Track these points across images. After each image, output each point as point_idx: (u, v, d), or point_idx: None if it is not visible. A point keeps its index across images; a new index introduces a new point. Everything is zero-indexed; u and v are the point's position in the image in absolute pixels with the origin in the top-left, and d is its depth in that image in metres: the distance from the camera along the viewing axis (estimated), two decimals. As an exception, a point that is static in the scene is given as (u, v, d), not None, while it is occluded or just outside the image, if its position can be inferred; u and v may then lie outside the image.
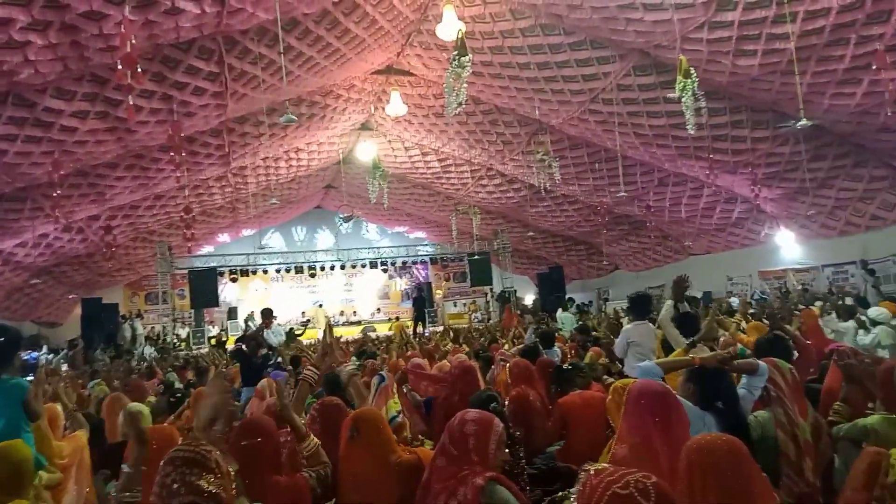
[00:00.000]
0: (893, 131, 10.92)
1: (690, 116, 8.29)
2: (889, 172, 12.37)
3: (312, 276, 22.13)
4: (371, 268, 22.69)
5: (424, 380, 4.90)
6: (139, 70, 6.54)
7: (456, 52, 7.95)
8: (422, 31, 11.98)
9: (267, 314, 8.42)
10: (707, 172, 12.69)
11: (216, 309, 21.35)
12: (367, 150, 15.71)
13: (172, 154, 10.05)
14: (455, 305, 25.22)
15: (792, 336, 3.63)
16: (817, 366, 4.16)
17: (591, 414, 3.44)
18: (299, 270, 21.88)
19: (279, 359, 8.00)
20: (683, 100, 8.05)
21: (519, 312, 18.67)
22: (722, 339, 4.30)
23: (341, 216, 20.11)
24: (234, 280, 21.54)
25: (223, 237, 21.77)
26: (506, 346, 7.96)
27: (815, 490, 2.48)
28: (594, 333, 8.16)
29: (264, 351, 7.63)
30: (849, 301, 8.89)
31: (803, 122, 8.86)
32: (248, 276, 21.66)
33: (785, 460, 2.48)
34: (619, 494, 1.54)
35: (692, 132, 9.20)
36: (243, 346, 7.69)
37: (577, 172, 16.06)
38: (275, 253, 22.83)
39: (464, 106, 9.31)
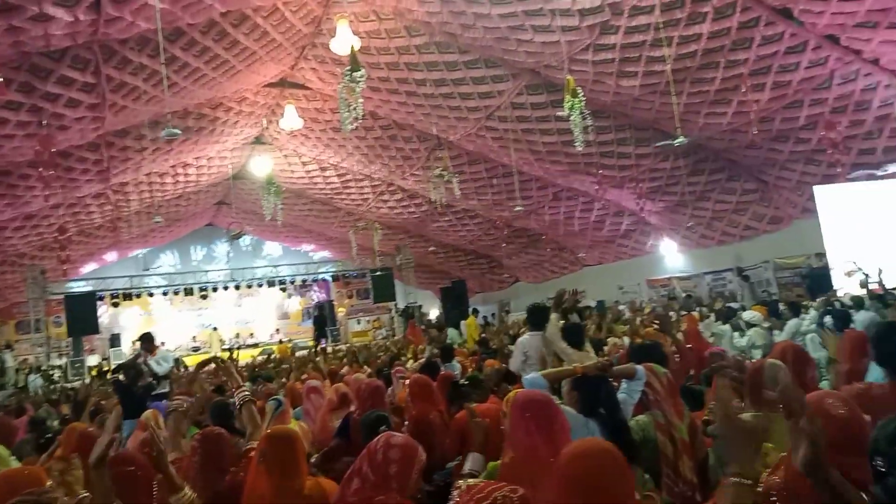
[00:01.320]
0: (760, 148, 11.95)
1: (578, 134, 8.65)
2: (759, 186, 13.51)
3: (204, 297, 21.04)
4: (268, 287, 21.86)
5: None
6: (1, 80, 5.97)
7: (349, 68, 7.86)
8: (316, 45, 11.79)
9: (147, 340, 7.85)
10: (596, 187, 13.31)
11: (96, 336, 19.78)
12: (261, 165, 15.21)
13: (41, 170, 9.23)
14: (359, 323, 24.82)
15: (675, 340, 3.82)
16: (698, 369, 4.39)
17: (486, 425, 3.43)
18: (189, 292, 20.71)
19: (165, 388, 7.48)
20: (572, 118, 8.39)
21: (423, 327, 18.65)
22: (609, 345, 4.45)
23: (229, 233, 19.30)
24: (115, 305, 20.09)
25: (111, 256, 20.28)
26: (409, 364, 7.89)
27: (693, 487, 2.61)
28: (492, 345, 8.26)
29: (148, 380, 7.11)
30: (735, 304, 9.54)
31: (680, 139, 9.50)
32: (131, 299, 20.27)
33: (664, 460, 2.59)
34: None
35: (581, 149, 9.60)
36: (119, 377, 7.12)
37: (476, 187, 16.35)
38: (161, 274, 21.52)
39: (361, 121, 9.22)
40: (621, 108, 11.94)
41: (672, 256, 16.76)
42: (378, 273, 21.68)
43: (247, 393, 3.78)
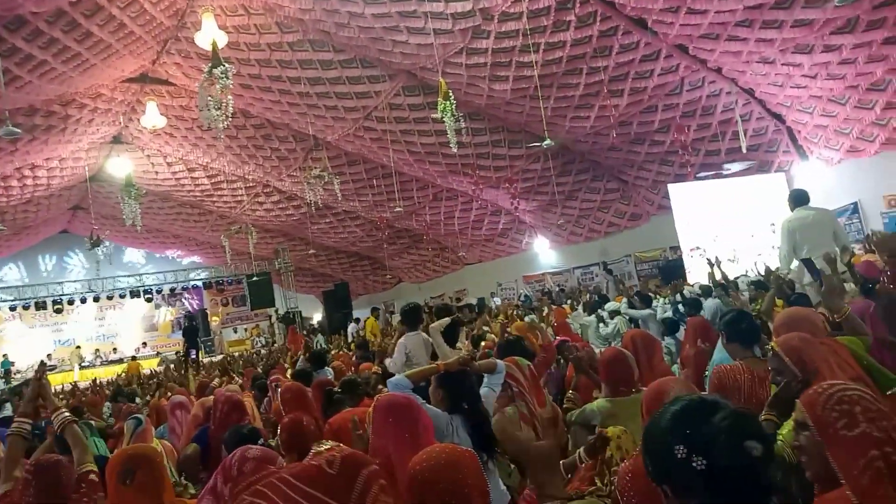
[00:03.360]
0: (620, 150, 12.81)
1: (452, 136, 8.80)
2: (620, 185, 14.47)
3: (58, 311, 19.19)
4: (132, 297, 20.27)
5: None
6: None
7: (210, 64, 7.48)
8: (180, 39, 11.13)
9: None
10: (473, 187, 13.63)
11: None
12: (120, 166, 14.12)
13: None
14: (235, 332, 23.75)
15: (534, 334, 4.00)
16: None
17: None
18: (41, 306, 18.80)
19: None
20: (445, 120, 8.52)
21: (306, 332, 18.17)
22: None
23: (89, 239, 17.75)
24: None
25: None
26: (290, 372, 7.65)
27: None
28: (372, 348, 8.21)
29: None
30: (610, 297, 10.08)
31: (548, 142, 9.97)
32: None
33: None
34: (311, 465, 1.62)
35: (455, 150, 9.79)
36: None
37: (356, 188, 16.20)
38: (5, 288, 19.36)
39: (231, 119, 8.82)
40: (495, 111, 12.31)
41: (545, 253, 17.57)
42: (255, 278, 20.84)
43: (67, 414, 3.45)
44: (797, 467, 1.60)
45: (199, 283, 22.14)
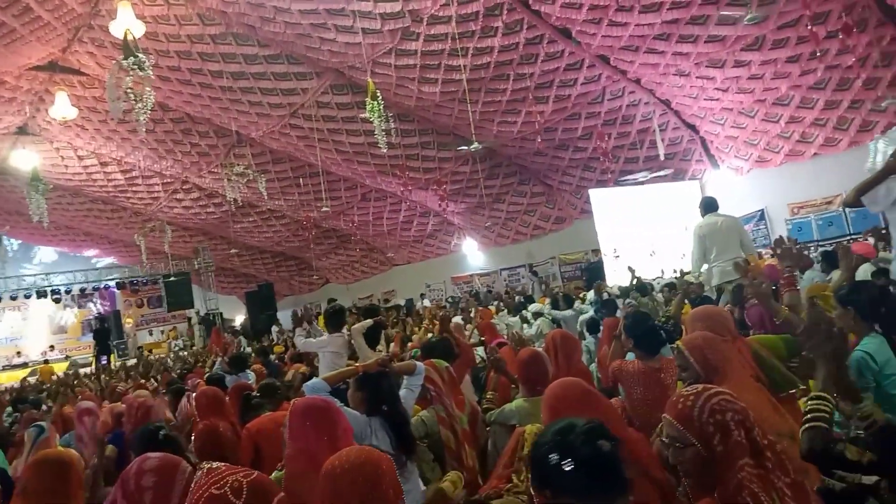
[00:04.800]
0: (545, 155, 13.12)
1: (381, 136, 8.76)
2: (545, 189, 14.83)
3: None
4: (38, 298, 18.95)
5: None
6: None
7: (123, 56, 7.14)
8: (94, 27, 10.54)
9: None
10: (403, 189, 13.62)
11: None
12: (26, 159, 13.23)
13: None
14: (151, 334, 22.69)
15: (455, 337, 4.05)
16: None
17: (281, 435, 3.32)
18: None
19: None
20: (373, 120, 8.47)
21: (228, 334, 17.61)
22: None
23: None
24: None
25: None
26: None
27: (475, 473, 2.78)
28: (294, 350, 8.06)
29: None
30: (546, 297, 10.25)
31: (475, 145, 10.11)
32: None
33: (448, 452, 2.73)
34: (214, 495, 1.65)
35: (385, 151, 9.76)
36: None
37: (282, 187, 15.83)
38: None
39: (149, 112, 8.45)
40: (424, 113, 12.35)
41: (473, 254, 17.77)
42: (172, 278, 19.97)
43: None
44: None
45: (112, 284, 20.94)
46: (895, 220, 3.12)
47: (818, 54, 8.70)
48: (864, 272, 4.20)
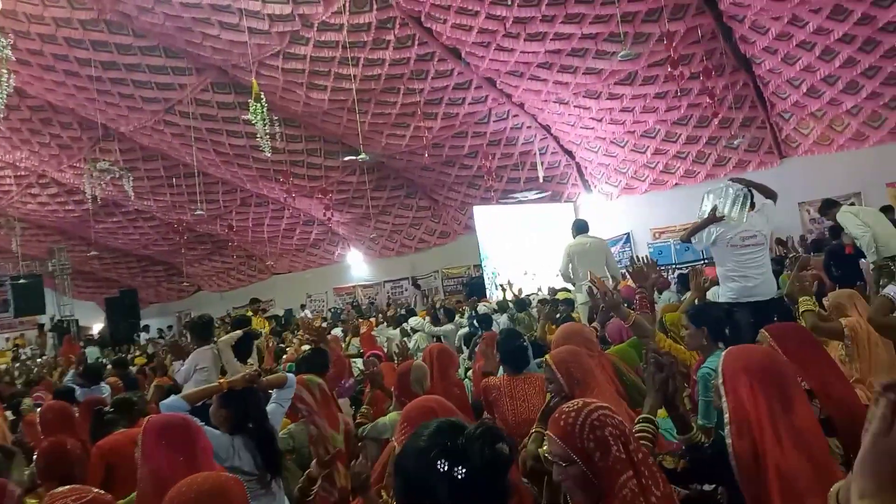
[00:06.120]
0: (432, 170, 13.31)
1: (264, 140, 8.49)
2: (431, 204, 15.01)
3: None
4: None
5: None
6: None
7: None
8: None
9: None
10: (286, 195, 13.24)
11: None
12: None
13: None
14: (-7, 341, 20.34)
15: (329, 348, 3.97)
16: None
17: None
18: None
19: None
20: (255, 123, 8.19)
21: (82, 344, 16.15)
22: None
23: None
24: None
25: None
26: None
27: (347, 493, 2.72)
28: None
29: None
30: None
31: (363, 156, 10.07)
32: None
33: (316, 472, 2.64)
34: None
35: (269, 155, 9.45)
36: None
37: (152, 186, 14.85)
38: None
39: (5, 97, 7.67)
40: (312, 120, 12.12)
41: (357, 265, 17.60)
42: (22, 281, 18.07)
43: None
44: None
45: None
46: (716, 252, 4.30)
47: (680, 93, 9.55)
48: (713, 294, 4.61)
